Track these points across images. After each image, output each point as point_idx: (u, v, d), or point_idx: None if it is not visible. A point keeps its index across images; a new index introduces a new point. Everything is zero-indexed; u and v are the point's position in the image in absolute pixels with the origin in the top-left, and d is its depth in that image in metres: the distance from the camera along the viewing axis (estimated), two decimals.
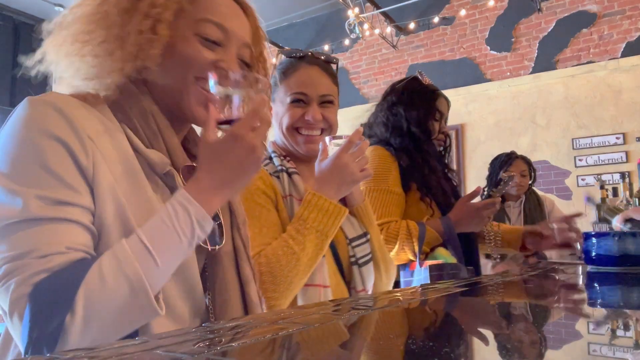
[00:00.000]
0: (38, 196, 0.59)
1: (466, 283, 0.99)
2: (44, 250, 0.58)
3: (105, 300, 0.58)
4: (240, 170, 0.69)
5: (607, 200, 2.08)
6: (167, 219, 0.64)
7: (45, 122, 0.63)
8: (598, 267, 1.34)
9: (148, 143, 0.72)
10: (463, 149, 5.06)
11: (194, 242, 0.66)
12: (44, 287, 0.56)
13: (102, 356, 0.42)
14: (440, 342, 0.53)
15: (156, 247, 0.62)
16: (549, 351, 0.49)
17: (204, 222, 0.66)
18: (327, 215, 0.99)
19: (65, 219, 0.60)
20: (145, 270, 0.60)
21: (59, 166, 0.61)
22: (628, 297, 0.90)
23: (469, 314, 0.74)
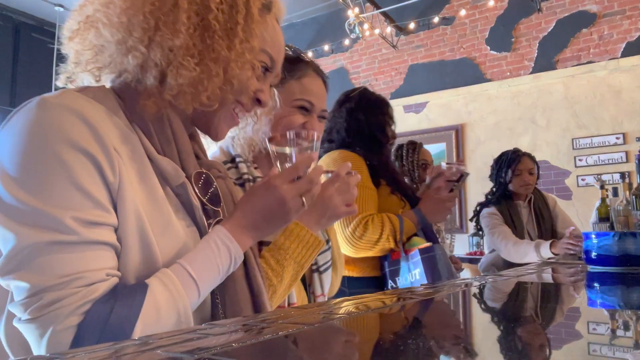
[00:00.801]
0: (74, 218, 0.56)
1: (464, 283, 0.99)
2: (88, 278, 0.56)
3: (157, 331, 0.57)
4: (268, 218, 0.72)
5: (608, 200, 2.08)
6: (210, 254, 0.66)
7: (69, 131, 0.58)
8: (598, 267, 1.33)
9: (160, 149, 0.69)
10: (463, 149, 5.06)
11: (226, 275, 0.69)
12: (95, 317, 0.55)
13: (102, 356, 0.42)
14: (446, 340, 0.53)
15: (200, 279, 0.64)
16: (549, 351, 0.49)
17: (239, 259, 0.70)
18: (306, 247, 0.97)
19: (100, 241, 0.58)
20: (191, 302, 0.63)
21: (90, 183, 0.58)
22: (628, 297, 0.90)
23: (469, 314, 0.74)
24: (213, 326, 0.55)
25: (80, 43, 0.68)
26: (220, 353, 0.43)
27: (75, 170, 0.57)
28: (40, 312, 0.54)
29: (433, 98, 5.28)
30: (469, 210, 4.29)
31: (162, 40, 0.63)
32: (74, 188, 0.57)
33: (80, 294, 0.55)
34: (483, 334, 0.60)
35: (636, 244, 1.26)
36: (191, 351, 0.42)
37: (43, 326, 0.54)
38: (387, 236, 1.64)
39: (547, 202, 2.68)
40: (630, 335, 0.56)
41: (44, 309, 0.54)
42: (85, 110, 0.60)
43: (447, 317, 0.72)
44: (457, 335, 0.58)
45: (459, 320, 0.69)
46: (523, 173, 2.63)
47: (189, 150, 0.74)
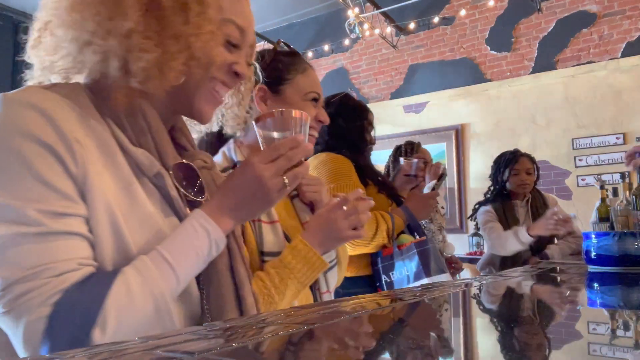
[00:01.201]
0: (38, 209, 0.57)
1: (464, 283, 0.99)
2: (58, 268, 0.56)
3: (133, 317, 0.58)
4: (249, 199, 0.70)
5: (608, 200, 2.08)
6: (187, 238, 0.65)
7: (27, 125, 0.58)
8: (598, 267, 1.33)
9: (135, 140, 0.68)
10: (463, 149, 5.06)
11: (208, 260, 0.68)
12: (64, 306, 0.55)
13: (102, 356, 0.42)
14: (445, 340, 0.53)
15: (178, 266, 0.63)
16: (549, 351, 0.49)
17: (220, 242, 0.68)
18: (311, 269, 0.98)
19: (69, 232, 0.58)
20: (169, 288, 0.62)
21: (52, 175, 0.58)
22: (628, 297, 0.90)
23: (470, 313, 0.74)
24: (213, 326, 0.55)
25: (43, 49, 0.69)
26: (220, 353, 0.43)
27: (35, 163, 0.58)
28: (12, 305, 0.55)
29: (433, 98, 5.28)
30: (468, 210, 4.28)
31: (115, 28, 0.62)
32: (36, 181, 0.57)
33: (50, 284, 0.55)
34: (483, 334, 0.60)
35: (636, 244, 1.26)
36: (191, 351, 0.42)
37: (16, 318, 0.55)
38: (382, 233, 1.73)
39: (546, 203, 2.69)
40: (630, 335, 0.56)
41: (15, 301, 0.55)
42: (44, 104, 0.60)
43: (448, 317, 0.71)
44: (457, 336, 0.58)
45: (458, 321, 0.69)
46: (520, 173, 2.65)
47: (166, 141, 0.73)
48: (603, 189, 2.11)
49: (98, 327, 0.55)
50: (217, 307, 0.72)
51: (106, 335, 0.55)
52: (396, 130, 5.40)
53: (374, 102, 5.59)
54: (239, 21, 0.75)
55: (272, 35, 6.14)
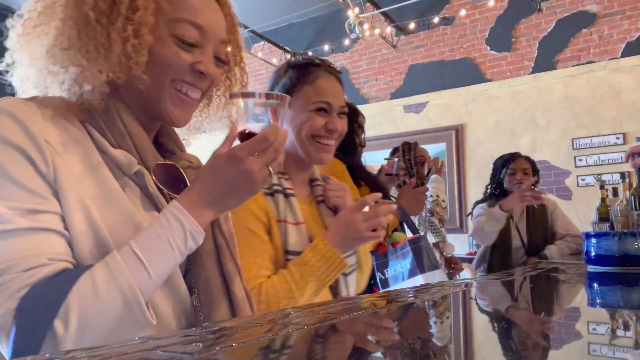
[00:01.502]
0: (8, 207, 0.58)
1: (464, 283, 0.99)
2: (27, 263, 0.57)
3: (99, 313, 0.58)
4: (233, 191, 0.69)
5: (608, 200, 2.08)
6: (160, 230, 0.64)
7: (2, 128, 0.60)
8: (598, 267, 1.34)
9: (115, 143, 0.70)
10: (463, 149, 5.06)
11: (186, 253, 0.67)
12: (29, 300, 0.56)
13: (101, 356, 0.42)
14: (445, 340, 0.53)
15: (149, 259, 0.62)
16: (549, 351, 0.49)
17: (197, 234, 0.66)
18: (331, 267, 1.01)
19: (41, 228, 0.59)
20: (139, 283, 0.60)
21: (20, 174, 0.60)
22: (628, 297, 0.90)
23: (469, 314, 0.74)
24: (213, 326, 0.55)
25: (16, 77, 0.72)
26: (220, 353, 0.43)
27: (5, 163, 0.59)
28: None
29: (433, 98, 5.28)
30: (469, 210, 4.29)
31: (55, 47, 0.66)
32: (7, 180, 0.59)
33: (19, 279, 0.56)
34: (483, 334, 0.60)
35: (636, 244, 1.26)
36: (191, 351, 0.42)
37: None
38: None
39: (543, 204, 2.69)
40: (630, 335, 0.56)
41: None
42: (16, 110, 0.62)
43: (447, 317, 0.71)
44: (455, 336, 0.58)
45: (458, 321, 0.69)
46: (517, 172, 2.68)
47: (147, 144, 0.74)
48: (603, 189, 2.11)
49: (60, 320, 0.55)
50: (207, 303, 0.72)
51: (70, 328, 0.56)
52: (396, 130, 5.40)
53: (374, 102, 5.59)
54: (195, 19, 0.72)
55: (272, 35, 6.14)
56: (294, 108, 1.14)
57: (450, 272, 2.57)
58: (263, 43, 5.98)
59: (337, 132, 1.14)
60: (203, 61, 0.74)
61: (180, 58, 0.71)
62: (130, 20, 0.67)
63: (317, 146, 1.13)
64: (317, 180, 1.22)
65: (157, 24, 0.70)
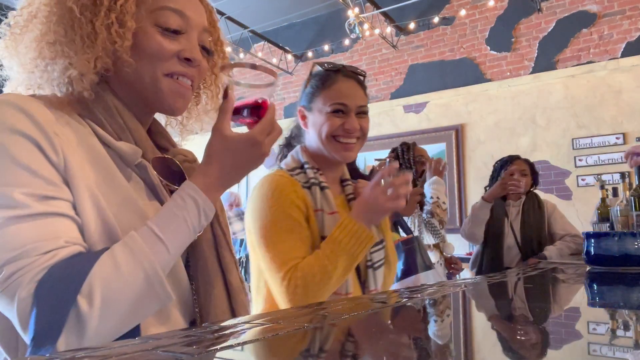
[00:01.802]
0: (24, 193, 0.59)
1: (465, 283, 0.99)
2: (44, 246, 0.58)
3: (122, 290, 0.59)
4: (246, 171, 0.73)
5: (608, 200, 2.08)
6: (176, 209, 0.66)
7: (7, 119, 0.61)
8: (598, 267, 1.34)
9: (116, 136, 0.72)
10: (463, 149, 5.06)
11: (199, 230, 0.69)
12: (48, 281, 0.56)
13: (101, 356, 0.42)
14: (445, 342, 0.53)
15: (167, 236, 0.64)
16: (549, 351, 0.49)
17: (209, 211, 0.70)
18: (359, 241, 1.08)
19: (56, 213, 0.60)
20: (159, 259, 0.62)
21: (32, 161, 0.61)
22: (628, 297, 0.90)
23: (469, 314, 0.74)
24: (213, 326, 0.55)
25: (8, 85, 0.74)
26: (220, 353, 0.43)
27: (17, 152, 0.60)
28: (4, 285, 0.56)
29: (433, 98, 5.28)
30: (468, 210, 4.29)
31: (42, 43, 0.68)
32: (20, 168, 0.60)
33: (38, 261, 0.57)
34: (483, 334, 0.60)
35: (636, 244, 1.26)
36: (191, 351, 0.42)
37: (10, 296, 0.56)
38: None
39: (540, 206, 2.70)
40: (630, 335, 0.56)
41: (6, 281, 0.56)
42: (23, 103, 0.64)
43: (446, 317, 0.71)
44: (456, 337, 0.58)
45: (458, 321, 0.69)
46: (515, 173, 2.70)
47: (145, 138, 0.76)
48: (603, 189, 2.11)
49: (84, 297, 0.56)
50: (204, 292, 0.75)
51: (94, 304, 0.56)
52: (396, 130, 5.40)
53: (374, 102, 5.59)
54: (174, 5, 0.73)
55: (272, 35, 6.14)
56: (315, 113, 1.22)
57: (450, 272, 2.58)
58: (263, 43, 5.98)
59: (355, 131, 1.20)
60: (188, 48, 0.75)
61: (165, 48, 0.72)
62: (113, 9, 0.69)
63: (338, 145, 1.20)
64: (348, 180, 1.31)
65: (139, 15, 0.71)
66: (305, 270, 1.04)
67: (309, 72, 1.29)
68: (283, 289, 1.05)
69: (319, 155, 1.23)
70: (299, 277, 1.04)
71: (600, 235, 1.35)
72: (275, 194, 1.12)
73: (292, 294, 1.03)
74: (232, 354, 0.44)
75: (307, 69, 1.48)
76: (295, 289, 1.03)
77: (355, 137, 1.21)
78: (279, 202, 1.11)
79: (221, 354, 0.43)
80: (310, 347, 0.49)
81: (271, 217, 1.10)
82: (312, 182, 1.18)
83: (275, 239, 1.08)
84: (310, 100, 1.24)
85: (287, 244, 1.08)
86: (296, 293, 1.03)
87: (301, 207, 1.13)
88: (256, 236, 1.11)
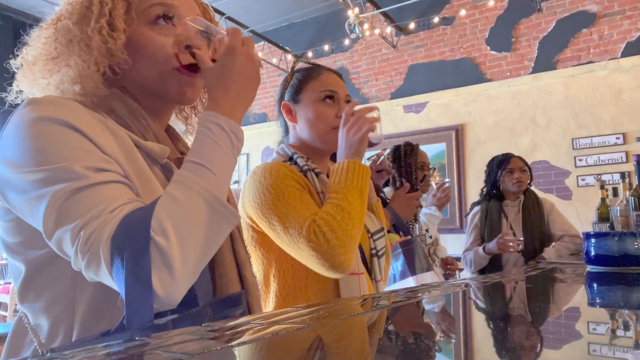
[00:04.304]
0: (83, 166, 0.62)
1: (464, 283, 0.99)
2: (110, 206, 0.60)
3: (189, 219, 0.61)
4: (246, 79, 0.73)
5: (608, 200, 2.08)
6: (203, 137, 0.68)
7: (57, 114, 0.64)
8: (598, 267, 1.34)
9: (142, 136, 0.75)
10: (463, 149, 5.06)
11: (235, 152, 0.71)
12: (122, 232, 0.58)
13: (101, 356, 0.42)
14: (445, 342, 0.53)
15: (207, 161, 0.66)
16: (549, 351, 0.49)
17: (237, 130, 0.71)
18: (355, 174, 1.10)
19: (113, 180, 0.63)
20: (210, 183, 0.64)
21: (83, 143, 0.64)
22: (628, 297, 0.90)
23: (469, 314, 0.74)
24: (213, 326, 0.55)
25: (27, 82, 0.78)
26: (220, 353, 0.43)
27: (71, 137, 0.64)
28: (86, 247, 0.58)
29: (433, 98, 5.28)
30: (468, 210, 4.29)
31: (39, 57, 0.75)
32: (73, 148, 0.63)
33: (106, 219, 0.59)
34: (482, 333, 0.60)
35: (636, 244, 1.26)
36: (191, 351, 0.42)
37: (95, 256, 0.58)
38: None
39: (539, 205, 2.68)
40: (630, 335, 0.56)
41: (87, 243, 0.58)
42: (68, 103, 0.68)
43: (446, 317, 0.71)
44: (454, 335, 0.58)
45: (458, 322, 0.69)
46: (514, 171, 2.67)
47: (166, 137, 0.80)
48: (603, 189, 2.11)
49: (157, 234, 0.58)
50: (220, 286, 0.76)
51: (170, 238, 0.58)
52: (396, 130, 5.40)
53: (374, 102, 5.59)
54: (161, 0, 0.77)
55: (272, 35, 6.14)
56: (304, 103, 1.24)
57: (446, 272, 2.56)
58: (263, 43, 5.98)
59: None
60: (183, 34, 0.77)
61: (164, 45, 0.76)
62: (103, 15, 0.73)
63: (334, 133, 1.21)
64: None
65: (131, 18, 0.75)
66: (324, 216, 1.04)
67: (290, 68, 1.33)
68: (314, 244, 1.03)
69: (305, 148, 1.25)
70: (321, 224, 1.03)
71: (600, 235, 1.35)
72: (273, 173, 1.12)
73: (324, 243, 1.02)
74: (232, 353, 0.44)
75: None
76: (325, 236, 1.02)
77: None
78: (279, 177, 1.11)
79: (221, 354, 0.43)
80: (310, 347, 0.50)
81: (275, 192, 1.09)
82: (305, 169, 1.18)
83: (286, 209, 1.08)
84: (298, 92, 1.25)
85: (299, 208, 1.07)
86: (328, 239, 1.02)
87: (302, 183, 1.13)
88: (266, 216, 1.10)
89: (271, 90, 6.32)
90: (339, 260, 1.02)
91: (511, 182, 2.66)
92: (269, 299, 1.17)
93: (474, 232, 2.80)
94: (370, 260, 1.22)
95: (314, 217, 1.05)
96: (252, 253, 1.19)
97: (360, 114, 1.14)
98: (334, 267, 1.03)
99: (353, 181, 1.09)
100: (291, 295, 1.12)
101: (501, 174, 2.70)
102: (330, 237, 1.02)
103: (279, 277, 1.14)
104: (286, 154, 1.25)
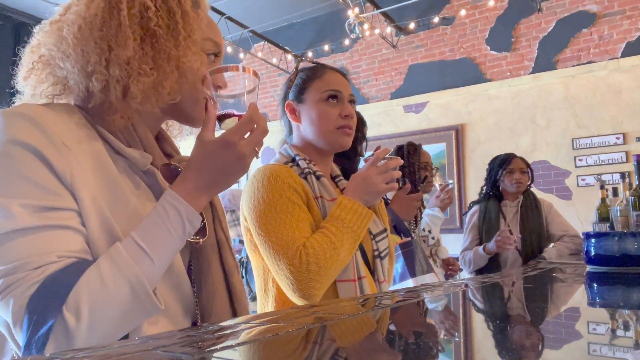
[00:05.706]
0: (22, 205, 0.60)
1: (464, 283, 0.99)
2: (36, 262, 0.59)
3: (109, 303, 0.60)
4: (227, 175, 0.72)
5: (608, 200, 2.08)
6: (158, 219, 0.66)
7: (16, 131, 0.63)
8: (598, 267, 1.34)
9: (126, 143, 0.73)
10: (463, 149, 5.06)
11: (185, 238, 0.69)
12: (38, 295, 0.58)
13: (101, 356, 0.42)
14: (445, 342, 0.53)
15: (151, 247, 0.64)
16: (549, 351, 0.49)
17: (193, 219, 0.69)
18: (360, 218, 1.11)
19: (53, 225, 0.61)
20: (144, 271, 0.63)
21: (34, 173, 0.62)
22: (628, 297, 0.90)
23: (469, 314, 0.74)
24: (213, 326, 0.55)
25: (36, 79, 0.75)
26: (220, 353, 0.43)
27: (20, 164, 0.62)
28: (2, 295, 0.58)
29: (433, 98, 5.27)
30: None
31: (117, 58, 0.68)
32: (20, 178, 0.61)
33: (28, 277, 0.58)
34: (482, 333, 0.60)
35: (636, 244, 1.26)
36: (191, 351, 0.42)
37: (6, 306, 0.58)
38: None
39: (538, 206, 2.68)
40: (630, 335, 0.56)
41: (4, 291, 0.58)
42: (35, 113, 0.65)
43: (443, 317, 0.71)
44: (454, 335, 0.58)
45: (457, 321, 0.69)
46: (515, 172, 2.67)
47: (153, 144, 0.78)
48: (603, 189, 2.11)
49: (70, 312, 0.57)
50: (207, 295, 0.75)
51: (82, 319, 0.57)
52: (396, 130, 5.40)
53: (374, 102, 5.59)
54: (216, 38, 0.82)
55: (272, 36, 6.14)
56: (308, 102, 1.23)
57: (447, 273, 2.55)
58: (263, 43, 5.97)
59: (353, 116, 1.23)
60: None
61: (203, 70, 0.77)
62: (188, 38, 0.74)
63: (342, 132, 1.22)
64: (339, 176, 1.33)
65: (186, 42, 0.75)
66: (315, 247, 1.04)
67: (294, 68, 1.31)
68: (294, 269, 1.03)
69: (309, 148, 1.24)
70: (310, 254, 1.03)
71: (600, 235, 1.35)
72: (272, 179, 1.11)
73: (305, 272, 1.02)
74: (232, 354, 0.44)
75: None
76: (309, 267, 1.02)
77: (353, 122, 1.23)
78: (276, 187, 1.10)
79: (221, 354, 0.43)
80: (309, 348, 0.50)
81: (269, 202, 1.09)
82: (306, 172, 1.18)
83: (276, 223, 1.07)
84: (302, 92, 1.24)
85: (289, 226, 1.06)
86: (310, 271, 1.02)
87: (299, 191, 1.13)
88: (255, 224, 1.10)
89: (271, 90, 6.32)
90: (310, 292, 1.04)
91: (511, 182, 2.66)
92: (268, 303, 1.16)
93: (472, 232, 2.80)
94: (373, 262, 1.22)
95: (305, 242, 1.05)
96: (251, 257, 1.19)
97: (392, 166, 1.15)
98: (302, 296, 1.04)
99: (355, 225, 1.10)
100: (290, 299, 1.12)
101: (502, 173, 2.70)
102: (313, 269, 1.03)
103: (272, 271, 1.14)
104: (288, 155, 1.24)
